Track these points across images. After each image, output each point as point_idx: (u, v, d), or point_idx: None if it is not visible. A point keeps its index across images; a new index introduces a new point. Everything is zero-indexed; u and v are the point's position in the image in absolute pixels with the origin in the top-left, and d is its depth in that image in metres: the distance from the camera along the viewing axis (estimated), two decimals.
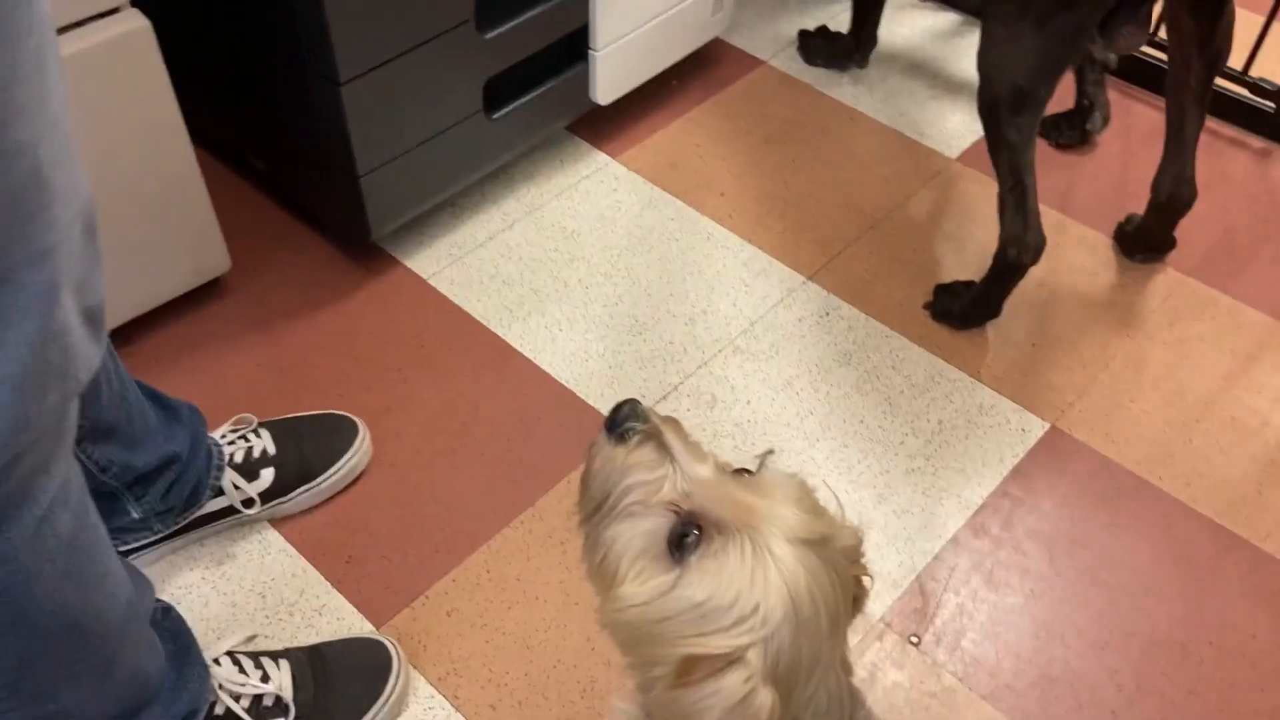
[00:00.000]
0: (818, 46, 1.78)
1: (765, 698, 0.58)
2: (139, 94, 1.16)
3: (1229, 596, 1.16)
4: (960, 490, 1.24)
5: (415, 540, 1.18)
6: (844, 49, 1.76)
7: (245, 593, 1.14)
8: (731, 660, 0.59)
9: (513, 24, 1.38)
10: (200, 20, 1.33)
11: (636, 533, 0.64)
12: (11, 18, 0.50)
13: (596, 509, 0.67)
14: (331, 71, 1.21)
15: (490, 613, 1.13)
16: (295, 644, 1.06)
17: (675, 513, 0.63)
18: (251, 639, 1.07)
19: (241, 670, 0.98)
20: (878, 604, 1.14)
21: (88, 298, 0.62)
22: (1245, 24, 1.63)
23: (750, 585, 0.60)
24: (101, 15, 1.10)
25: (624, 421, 0.66)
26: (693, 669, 0.61)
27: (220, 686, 0.95)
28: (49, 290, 0.57)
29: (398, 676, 1.04)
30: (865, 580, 0.69)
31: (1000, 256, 1.33)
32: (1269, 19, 1.60)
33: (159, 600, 0.92)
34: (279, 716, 0.97)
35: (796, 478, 0.66)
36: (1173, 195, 1.42)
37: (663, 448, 0.66)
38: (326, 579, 1.15)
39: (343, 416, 1.24)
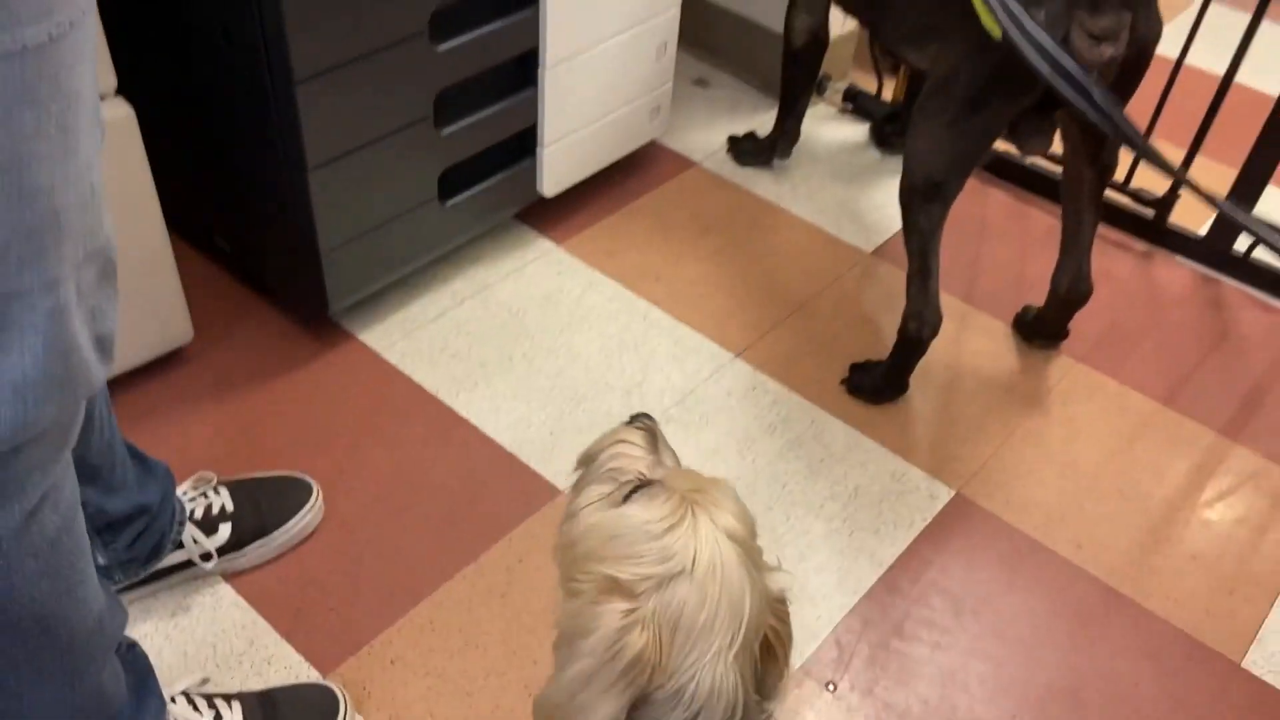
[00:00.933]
0: (746, 149, 1.94)
1: (639, 638, 0.67)
2: (119, 175, 1.25)
3: (1115, 649, 1.27)
4: (874, 550, 1.34)
5: (362, 593, 1.25)
6: (768, 145, 1.92)
7: (197, 644, 1.18)
8: (624, 589, 0.69)
9: (467, 121, 1.50)
10: (179, 109, 1.43)
11: (605, 488, 0.77)
12: (37, 86, 0.60)
13: (589, 462, 0.80)
14: (300, 158, 1.31)
15: (433, 661, 1.19)
16: (246, 689, 1.12)
17: (640, 480, 0.76)
18: (204, 682, 1.12)
19: (195, 708, 1.03)
20: (797, 655, 1.22)
21: (99, 326, 0.70)
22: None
23: (670, 528, 0.70)
24: None
25: (638, 417, 0.83)
26: (607, 592, 0.70)
27: None
28: (57, 312, 0.65)
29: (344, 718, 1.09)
30: (780, 633, 0.76)
31: (903, 331, 1.47)
32: (1145, 134, 1.79)
33: (125, 638, 0.97)
34: None
35: (733, 486, 0.77)
36: (1071, 290, 1.58)
37: (653, 439, 0.80)
38: (275, 630, 1.20)
39: (298, 478, 1.31)
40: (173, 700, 1.02)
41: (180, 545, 1.18)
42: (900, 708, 1.19)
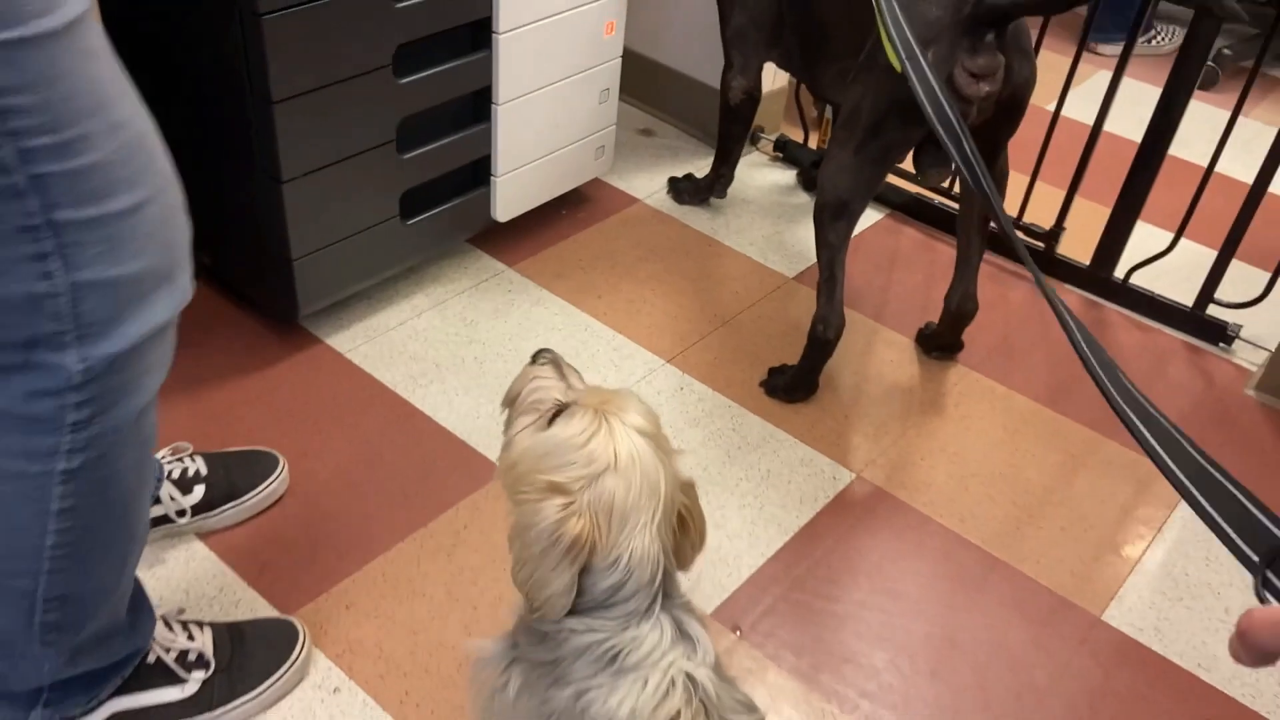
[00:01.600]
0: (684, 188, 2.16)
1: (576, 524, 0.81)
2: None
3: (990, 604, 1.43)
4: (781, 520, 1.51)
5: (322, 551, 1.40)
6: (706, 186, 2.13)
7: (172, 589, 1.33)
8: (560, 489, 0.83)
9: (427, 148, 1.70)
10: (167, 128, 1.62)
11: (530, 417, 0.90)
12: (93, 45, 0.77)
13: (513, 402, 0.94)
14: (276, 172, 1.50)
15: (383, 607, 1.34)
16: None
17: (557, 403, 0.89)
18: (181, 611, 1.26)
19: (170, 630, 1.17)
20: (709, 604, 1.38)
21: (186, 238, 0.90)
22: (1018, 182, 2.06)
23: (591, 437, 0.84)
24: None
25: (539, 354, 0.96)
26: (548, 493, 0.83)
27: (154, 640, 1.14)
28: (160, 220, 0.84)
29: (302, 648, 1.23)
30: (691, 509, 0.89)
31: (812, 333, 1.65)
32: (1033, 177, 2.03)
33: None
34: (201, 669, 1.16)
35: (636, 393, 0.92)
36: (960, 308, 1.78)
37: (559, 368, 0.94)
38: (243, 579, 1.35)
39: (266, 452, 1.46)
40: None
41: (158, 501, 1.33)
42: (795, 646, 1.34)
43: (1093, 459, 1.68)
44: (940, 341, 1.84)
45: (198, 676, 1.15)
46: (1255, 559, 0.61)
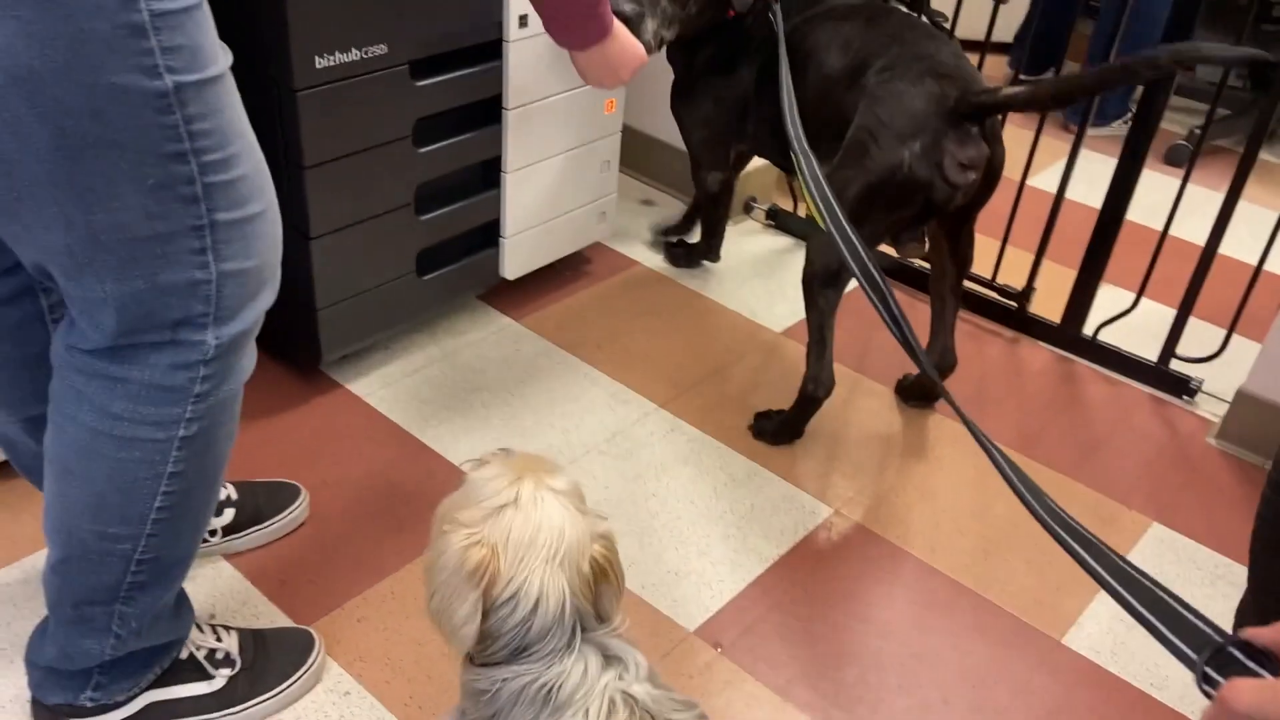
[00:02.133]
0: (678, 253, 2.32)
1: (478, 551, 0.89)
2: None
3: (955, 628, 1.54)
4: (762, 550, 1.63)
5: (337, 571, 1.52)
6: (700, 251, 2.29)
7: (200, 603, 1.44)
8: (464, 524, 0.92)
9: (442, 211, 1.87)
10: None
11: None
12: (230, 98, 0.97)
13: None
14: (306, 229, 1.67)
15: (391, 620, 1.45)
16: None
17: (481, 460, 0.99)
18: (212, 617, 1.38)
19: (201, 631, 1.29)
20: (692, 623, 1.49)
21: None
22: (991, 246, 2.21)
23: (491, 478, 0.94)
24: None
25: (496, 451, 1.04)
26: (455, 528, 0.92)
27: (192, 637, 1.26)
28: (269, 222, 1.03)
29: (318, 654, 1.35)
30: (607, 555, 0.96)
31: (803, 391, 1.79)
32: (1004, 242, 2.17)
33: None
34: (227, 666, 1.28)
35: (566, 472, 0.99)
36: (939, 363, 1.91)
37: (508, 451, 1.02)
38: (264, 594, 1.47)
39: (289, 483, 1.60)
40: None
41: None
42: (772, 661, 1.45)
43: (1058, 497, 1.76)
44: (919, 392, 1.97)
45: (224, 673, 1.27)
46: (1194, 657, 0.68)
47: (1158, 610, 0.76)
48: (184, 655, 1.25)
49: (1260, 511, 0.95)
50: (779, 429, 1.84)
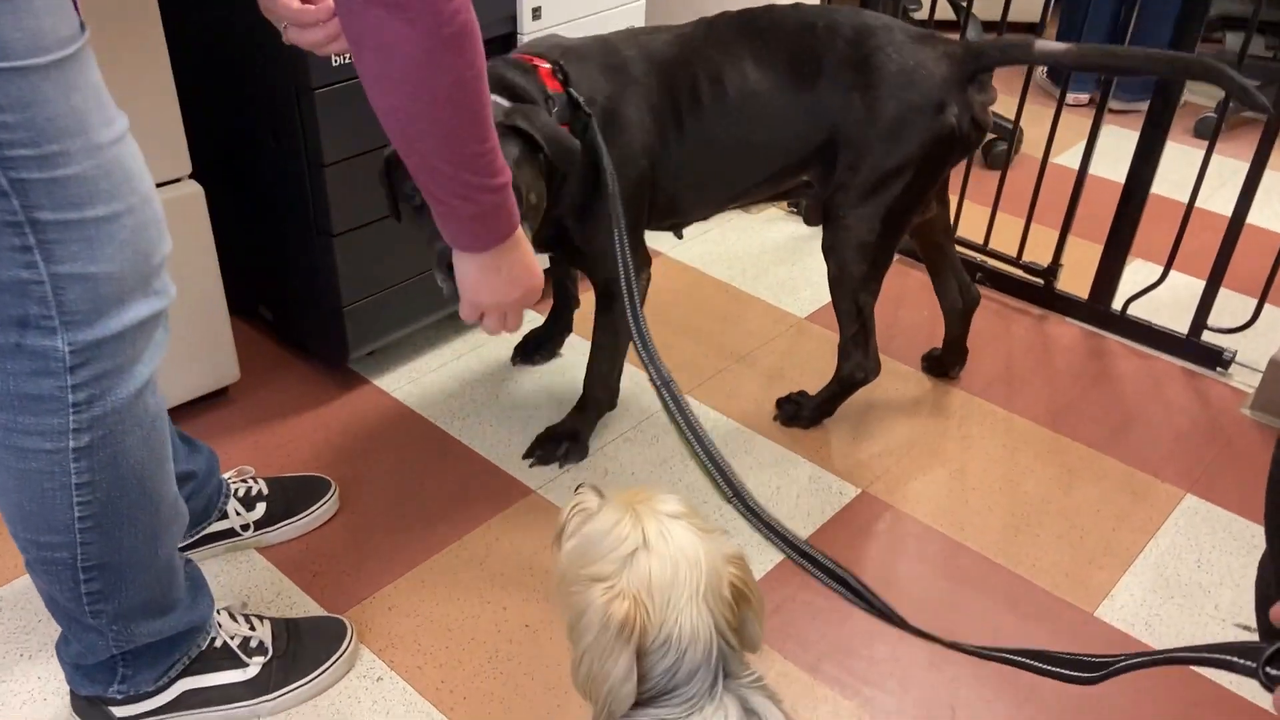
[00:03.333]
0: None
1: (621, 605, 0.83)
2: (190, 241, 1.63)
3: (985, 604, 1.52)
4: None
5: (367, 561, 1.54)
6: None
7: (234, 595, 1.48)
8: (600, 579, 0.86)
9: None
10: (236, 195, 1.83)
11: (571, 531, 0.94)
12: (78, 77, 0.91)
13: (560, 530, 0.97)
14: (328, 226, 1.69)
15: (422, 608, 1.47)
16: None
17: (589, 511, 0.92)
18: (245, 605, 1.40)
19: (235, 621, 1.31)
20: None
21: (161, 250, 1.02)
22: (1015, 225, 2.19)
23: (617, 524, 0.88)
24: (170, 182, 1.59)
25: (578, 487, 0.99)
26: (589, 585, 0.86)
27: (220, 627, 1.29)
28: (138, 227, 0.96)
29: (350, 642, 1.37)
30: (744, 580, 0.91)
31: (849, 378, 1.77)
32: (1028, 220, 2.16)
33: (182, 551, 1.26)
34: (260, 655, 1.30)
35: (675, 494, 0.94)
36: (965, 298, 1.88)
37: (597, 492, 0.98)
38: (298, 585, 1.50)
39: (320, 478, 1.62)
40: (218, 613, 1.31)
41: (224, 515, 1.49)
42: (801, 640, 1.45)
43: (1089, 472, 1.77)
44: (948, 358, 1.95)
45: (258, 661, 1.29)
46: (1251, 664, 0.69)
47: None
48: (218, 643, 1.28)
49: (1271, 473, 0.94)
50: (814, 413, 1.83)
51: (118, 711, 1.25)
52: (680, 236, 1.84)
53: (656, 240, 2.35)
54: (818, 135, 1.60)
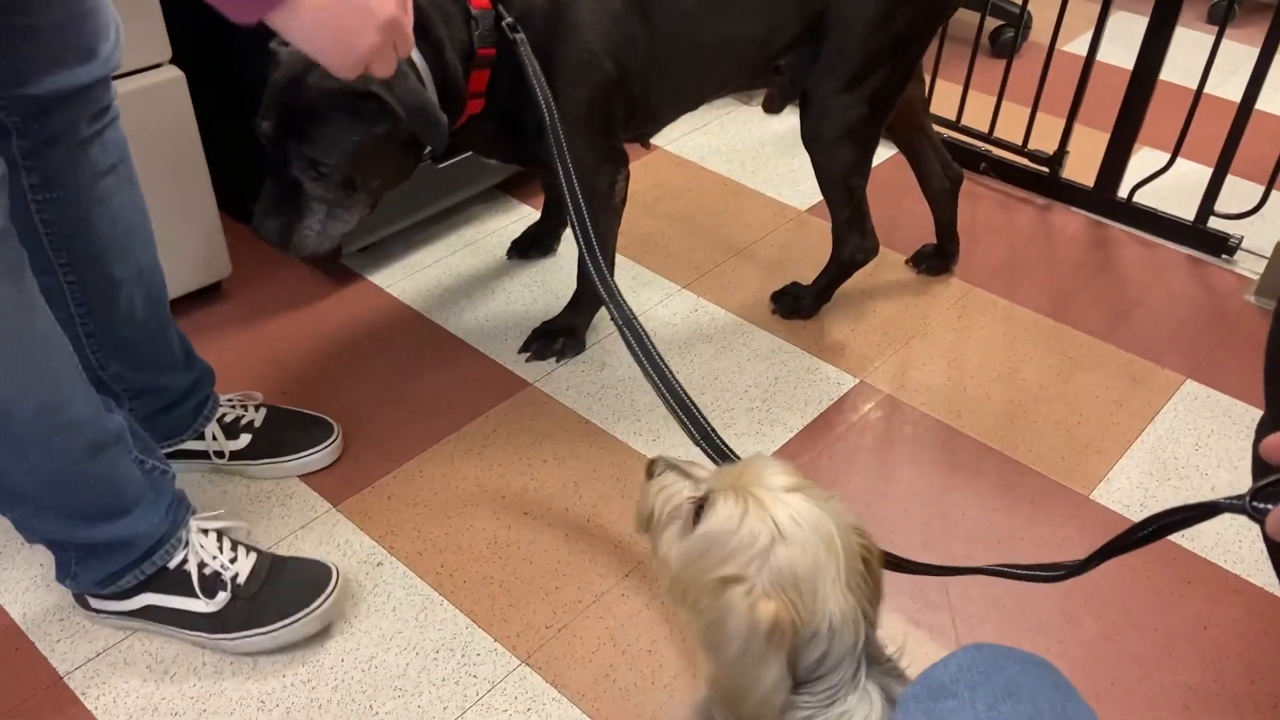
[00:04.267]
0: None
1: (768, 607, 0.75)
2: (172, 129, 1.60)
3: (981, 487, 1.53)
4: (786, 420, 1.63)
5: (366, 453, 1.55)
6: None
7: (236, 484, 1.49)
8: (735, 580, 0.78)
9: None
10: (221, 84, 1.79)
11: (674, 527, 0.87)
12: None
13: (649, 522, 0.90)
14: None
15: (421, 497, 1.48)
16: (270, 523, 1.42)
17: (693, 501, 0.86)
18: (248, 534, 1.39)
19: (219, 546, 1.27)
20: None
21: None
22: (1020, 113, 2.14)
23: (739, 519, 0.80)
24: (148, 68, 1.55)
25: (653, 464, 0.93)
26: (724, 588, 0.78)
27: (202, 549, 1.26)
28: None
29: (328, 596, 1.27)
30: (869, 546, 0.84)
31: (848, 260, 1.75)
32: (1034, 107, 2.10)
33: (160, 464, 1.24)
34: (220, 590, 1.25)
35: (767, 455, 0.88)
36: (948, 179, 1.85)
37: (678, 469, 0.91)
38: (298, 479, 1.50)
39: (325, 420, 1.53)
40: (203, 533, 1.28)
41: (200, 437, 1.46)
42: None
43: (1089, 360, 1.76)
44: (943, 251, 1.93)
45: (222, 598, 1.25)
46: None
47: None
48: (188, 566, 1.26)
49: (1270, 338, 0.93)
50: (813, 302, 1.82)
51: (93, 602, 1.27)
52: (647, 146, 1.78)
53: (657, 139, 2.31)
54: (800, 21, 1.53)
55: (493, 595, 1.35)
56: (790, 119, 2.40)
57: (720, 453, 1.04)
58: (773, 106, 1.76)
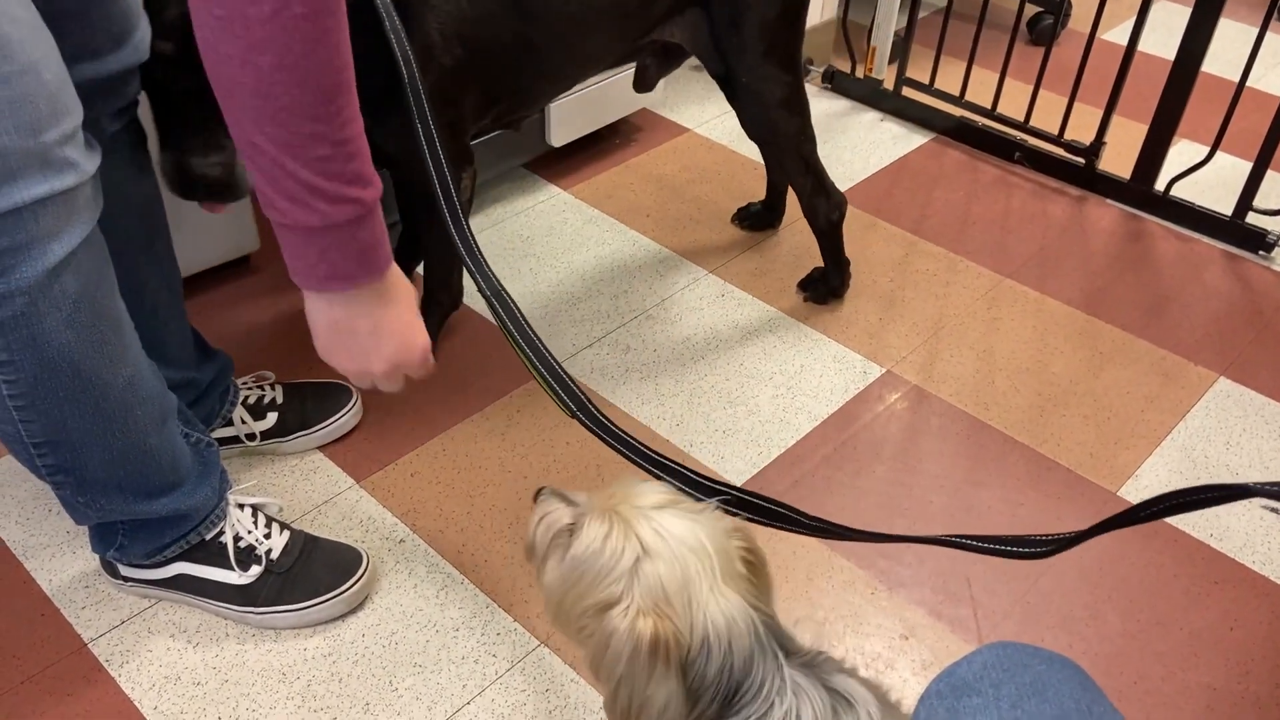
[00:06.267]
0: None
1: (646, 623, 0.75)
2: None
3: (1007, 481, 1.52)
4: (812, 409, 1.61)
5: (390, 430, 1.55)
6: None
7: (263, 457, 1.49)
8: (610, 602, 0.78)
9: None
10: None
11: (555, 556, 0.86)
12: None
13: (532, 549, 0.90)
14: None
15: (443, 476, 1.48)
16: (296, 498, 1.43)
17: (569, 529, 0.85)
18: (280, 510, 1.40)
19: (255, 523, 1.29)
20: (739, 479, 1.50)
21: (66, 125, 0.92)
22: (1057, 102, 2.11)
23: (602, 539, 0.80)
24: None
25: (538, 493, 0.92)
26: (601, 613, 0.78)
27: (238, 523, 1.28)
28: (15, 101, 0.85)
29: (357, 580, 1.29)
30: (750, 549, 0.85)
31: (831, 225, 1.73)
32: (1072, 97, 2.07)
33: (205, 437, 1.26)
34: (254, 564, 1.27)
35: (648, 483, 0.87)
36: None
37: (561, 497, 0.90)
38: (320, 451, 1.51)
39: (342, 385, 1.54)
40: (239, 508, 1.29)
41: (229, 423, 1.46)
42: (818, 511, 1.43)
43: (1121, 355, 1.74)
44: (762, 219, 1.96)
45: (254, 570, 1.27)
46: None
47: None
48: (224, 539, 1.27)
49: None
50: (838, 282, 1.80)
51: (124, 570, 1.29)
52: (518, 129, 1.67)
53: (683, 115, 2.30)
54: None
55: (513, 575, 1.35)
56: (821, 104, 2.37)
57: (598, 424, 0.99)
58: (644, 83, 1.71)
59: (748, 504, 0.96)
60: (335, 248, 0.84)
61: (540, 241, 1.93)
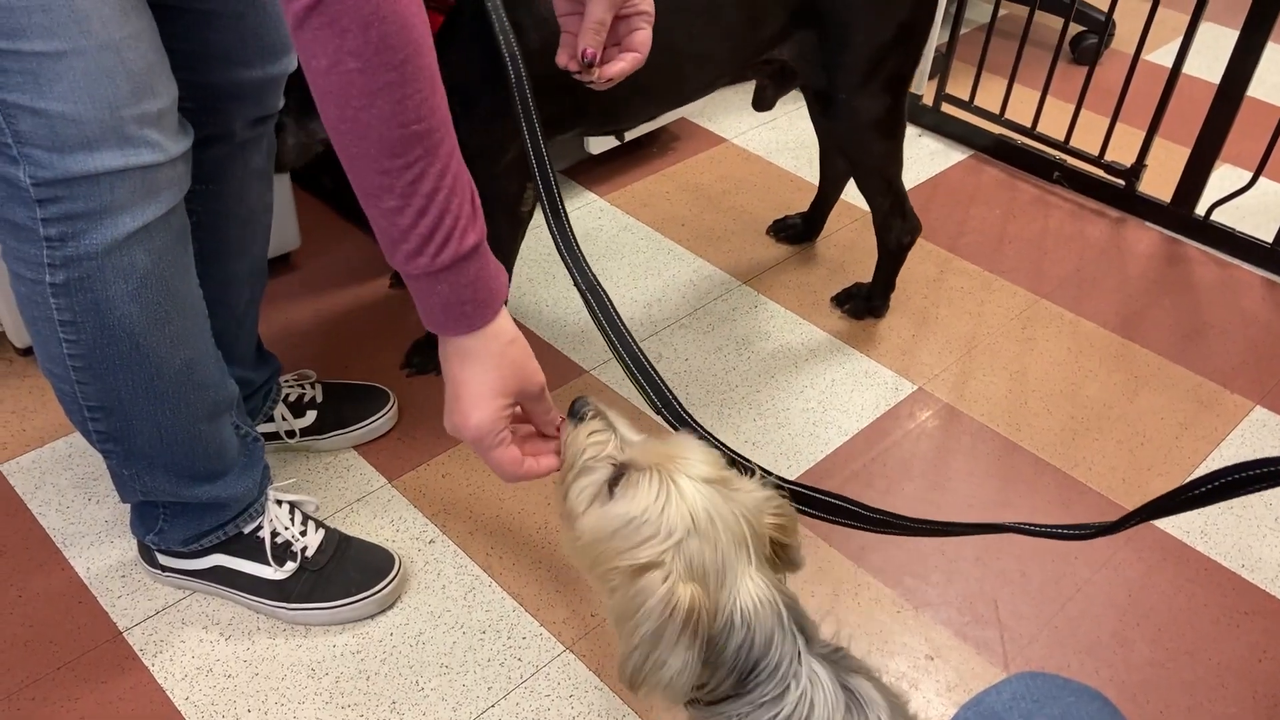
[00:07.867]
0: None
1: (684, 591, 0.76)
2: None
3: (1037, 503, 1.51)
4: (842, 424, 1.61)
5: (422, 431, 1.56)
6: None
7: (298, 455, 1.51)
8: (652, 566, 0.79)
9: None
10: None
11: (588, 482, 0.85)
12: None
13: (568, 470, 0.88)
14: None
15: (474, 477, 1.50)
16: (329, 495, 1.45)
17: (613, 465, 0.84)
18: (316, 509, 1.41)
19: (292, 519, 1.31)
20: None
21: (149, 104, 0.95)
22: (1099, 122, 2.10)
23: (656, 505, 0.80)
24: None
25: (578, 409, 0.90)
26: (640, 572, 0.79)
27: (274, 519, 1.29)
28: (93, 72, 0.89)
29: (390, 582, 1.31)
30: (785, 526, 0.85)
31: (898, 246, 1.73)
32: (1114, 117, 2.06)
33: (253, 431, 1.28)
34: (290, 560, 1.29)
35: (700, 441, 0.87)
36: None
37: (604, 419, 0.88)
38: (354, 450, 1.53)
39: (380, 389, 1.57)
40: (277, 504, 1.31)
41: (270, 419, 1.49)
42: (846, 529, 1.45)
43: (1156, 380, 1.72)
44: (806, 220, 1.96)
45: (290, 567, 1.29)
46: None
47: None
48: (261, 534, 1.29)
49: None
50: (880, 298, 1.80)
51: (162, 559, 1.31)
52: (621, 140, 1.72)
53: (720, 124, 2.30)
54: (785, 12, 1.46)
55: (540, 580, 1.36)
56: None
57: (680, 419, 0.99)
58: (763, 103, 1.71)
59: (808, 499, 0.96)
60: (419, 296, 0.86)
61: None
